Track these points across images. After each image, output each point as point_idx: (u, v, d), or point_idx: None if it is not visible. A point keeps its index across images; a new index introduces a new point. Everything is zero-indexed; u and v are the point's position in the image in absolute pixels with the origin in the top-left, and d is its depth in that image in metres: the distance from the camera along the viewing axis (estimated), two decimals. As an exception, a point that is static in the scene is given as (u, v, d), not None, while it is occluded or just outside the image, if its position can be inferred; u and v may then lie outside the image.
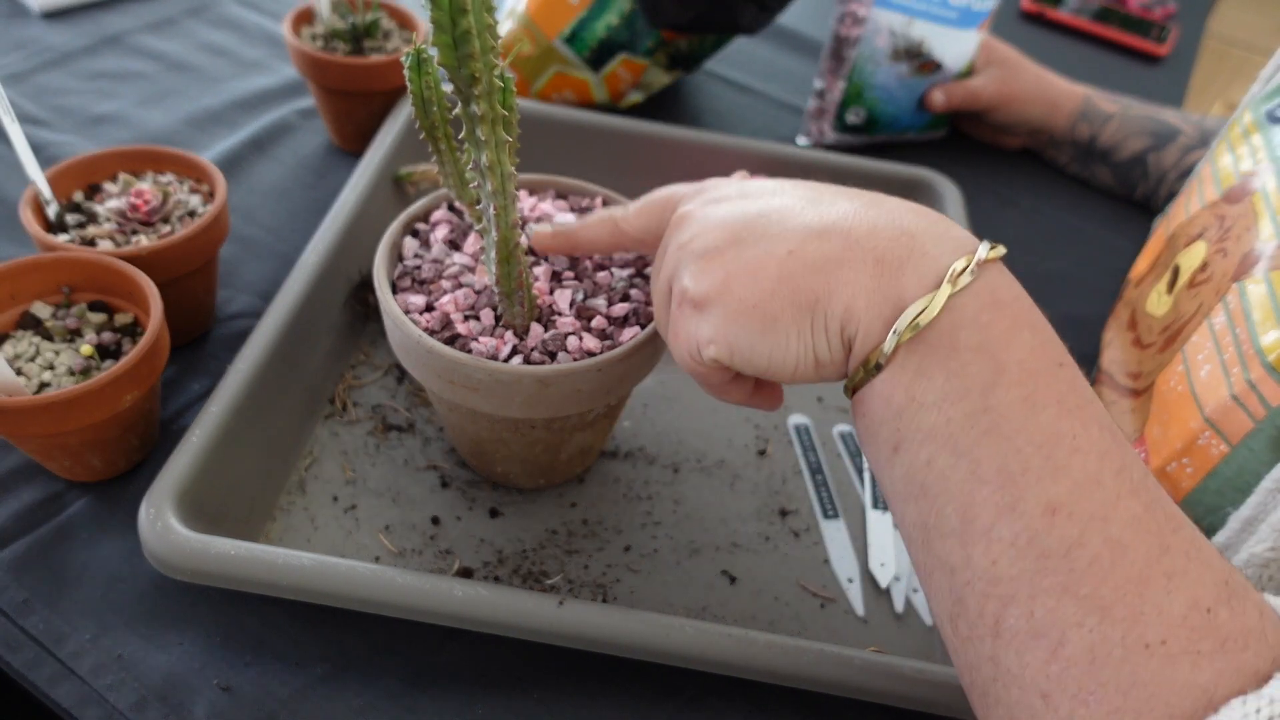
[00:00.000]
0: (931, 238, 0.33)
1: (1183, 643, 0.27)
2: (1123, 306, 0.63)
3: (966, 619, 0.30)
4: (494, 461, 0.50)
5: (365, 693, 0.43)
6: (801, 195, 0.36)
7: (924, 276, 0.32)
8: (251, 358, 0.49)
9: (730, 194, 0.37)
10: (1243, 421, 0.43)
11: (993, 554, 0.29)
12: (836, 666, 0.42)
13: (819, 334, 0.33)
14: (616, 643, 0.42)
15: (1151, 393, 0.51)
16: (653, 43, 0.79)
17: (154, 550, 0.41)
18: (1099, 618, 0.28)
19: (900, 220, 0.33)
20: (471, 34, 0.35)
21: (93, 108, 0.76)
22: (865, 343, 0.33)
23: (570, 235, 0.45)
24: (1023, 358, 0.31)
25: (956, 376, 0.31)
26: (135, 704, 0.41)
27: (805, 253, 0.33)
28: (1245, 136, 0.57)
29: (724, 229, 0.35)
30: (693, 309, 0.35)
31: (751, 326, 0.34)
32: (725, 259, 0.34)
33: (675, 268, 0.37)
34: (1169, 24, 1.20)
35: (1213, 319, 0.48)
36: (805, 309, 0.33)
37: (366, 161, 0.63)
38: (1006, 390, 0.30)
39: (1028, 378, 0.30)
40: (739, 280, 0.34)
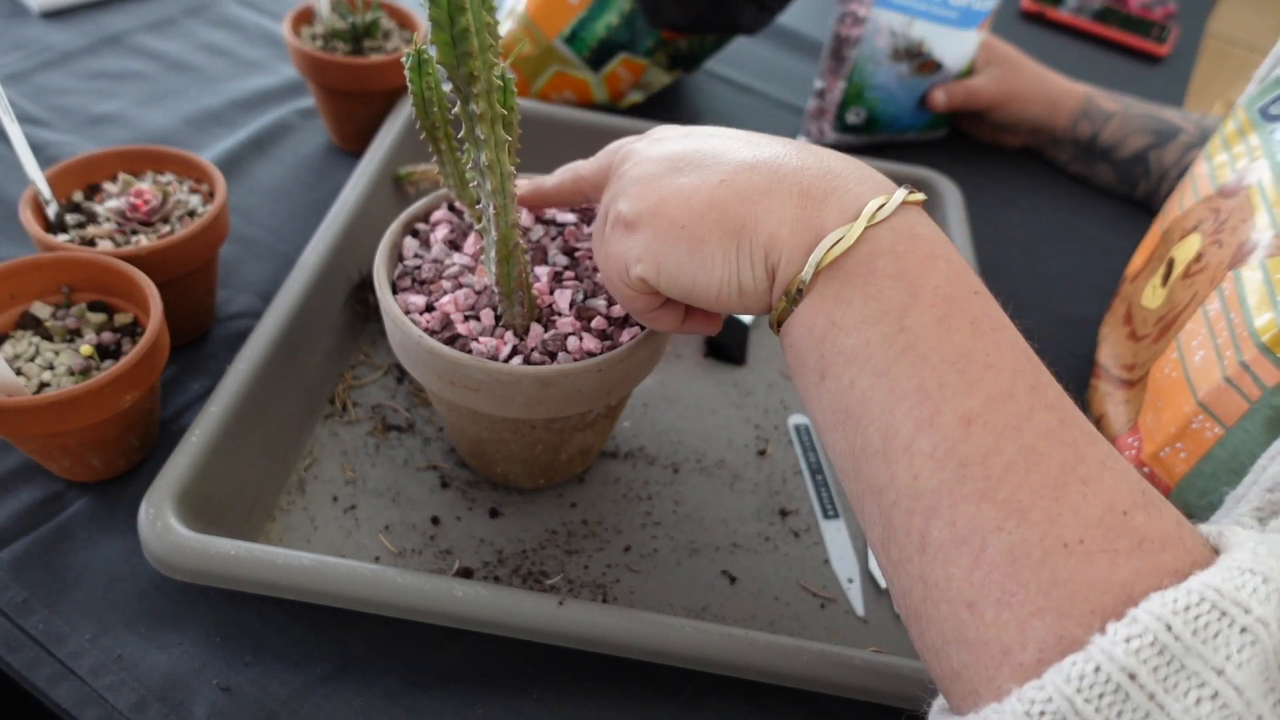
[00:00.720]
0: (854, 178, 0.35)
1: (1100, 542, 0.28)
2: (1119, 302, 0.63)
3: (895, 541, 0.31)
4: (494, 462, 0.50)
5: (365, 693, 0.43)
6: (740, 137, 0.38)
7: (845, 209, 0.34)
8: (251, 358, 0.49)
9: (673, 135, 0.39)
10: (1237, 403, 0.43)
11: (914, 468, 0.30)
12: (836, 667, 0.42)
13: (744, 258, 0.35)
14: (616, 643, 0.42)
15: (1145, 382, 0.51)
16: (653, 43, 0.79)
17: (154, 550, 0.41)
18: (1017, 520, 0.28)
19: (827, 162, 0.36)
20: (470, 32, 0.35)
21: (92, 108, 0.76)
22: (787, 270, 0.34)
23: (539, 187, 0.47)
24: (938, 283, 0.32)
25: (874, 300, 0.32)
26: (135, 704, 0.41)
27: (736, 182, 0.35)
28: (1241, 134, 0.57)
29: (662, 161, 0.37)
30: (624, 229, 0.37)
31: (679, 246, 0.35)
32: (660, 184, 0.36)
33: (614, 195, 0.38)
34: (1169, 24, 1.20)
35: (1207, 306, 0.48)
36: (732, 234, 0.35)
37: (366, 161, 0.63)
38: (922, 312, 0.32)
39: (942, 301, 0.32)
40: (670, 202, 0.35)
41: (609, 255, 0.38)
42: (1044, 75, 0.86)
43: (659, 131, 0.41)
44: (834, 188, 0.34)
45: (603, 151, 0.44)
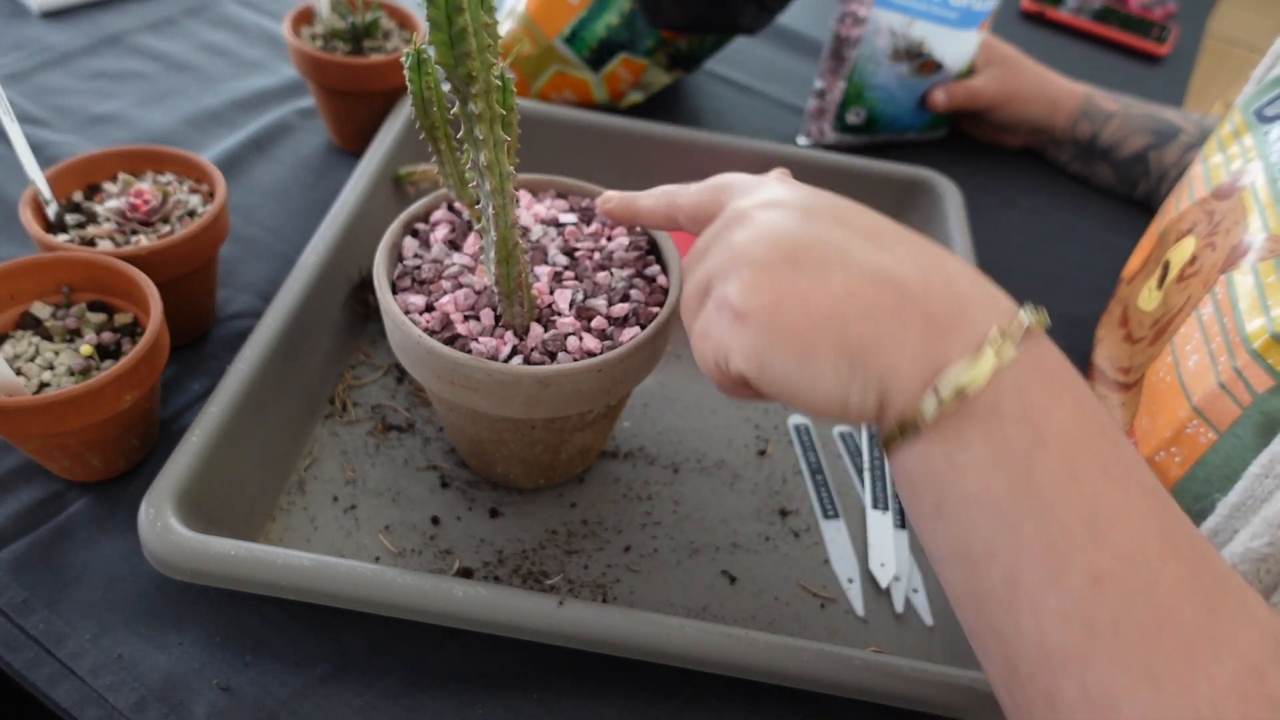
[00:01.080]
0: (978, 303, 0.33)
1: (1235, 709, 0.27)
2: (1115, 304, 0.63)
3: (1020, 688, 0.31)
4: (494, 461, 0.50)
5: (365, 693, 0.43)
6: (863, 228, 0.35)
7: (969, 342, 0.32)
8: (251, 358, 0.49)
9: (790, 202, 0.36)
10: (1230, 409, 0.43)
11: (1041, 625, 0.30)
12: (836, 666, 0.42)
13: (856, 380, 0.33)
14: (616, 643, 0.42)
15: (1141, 385, 0.51)
16: (653, 43, 0.79)
17: (154, 550, 0.41)
18: (1150, 690, 0.28)
19: (953, 280, 0.33)
20: (468, 32, 0.35)
21: (92, 108, 0.76)
22: (902, 401, 0.32)
23: (631, 204, 0.45)
24: (1065, 427, 0.31)
25: (998, 445, 0.31)
26: (135, 704, 0.41)
27: (861, 296, 0.32)
28: (1236, 136, 0.57)
29: (782, 245, 0.34)
30: (732, 317, 0.34)
31: (790, 353, 0.33)
32: (779, 279, 0.33)
33: (721, 268, 0.35)
34: (1169, 24, 1.20)
35: (1201, 310, 0.48)
36: (849, 353, 0.32)
37: (366, 161, 0.63)
38: (1048, 460, 0.30)
39: (1069, 447, 0.30)
40: (789, 304, 0.33)
41: (708, 337, 0.35)
42: (1044, 75, 0.86)
43: (772, 189, 0.37)
44: (959, 316, 0.32)
45: (706, 186, 0.41)
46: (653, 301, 0.47)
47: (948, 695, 0.41)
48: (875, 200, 0.73)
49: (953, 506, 0.32)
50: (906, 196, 0.73)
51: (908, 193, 0.73)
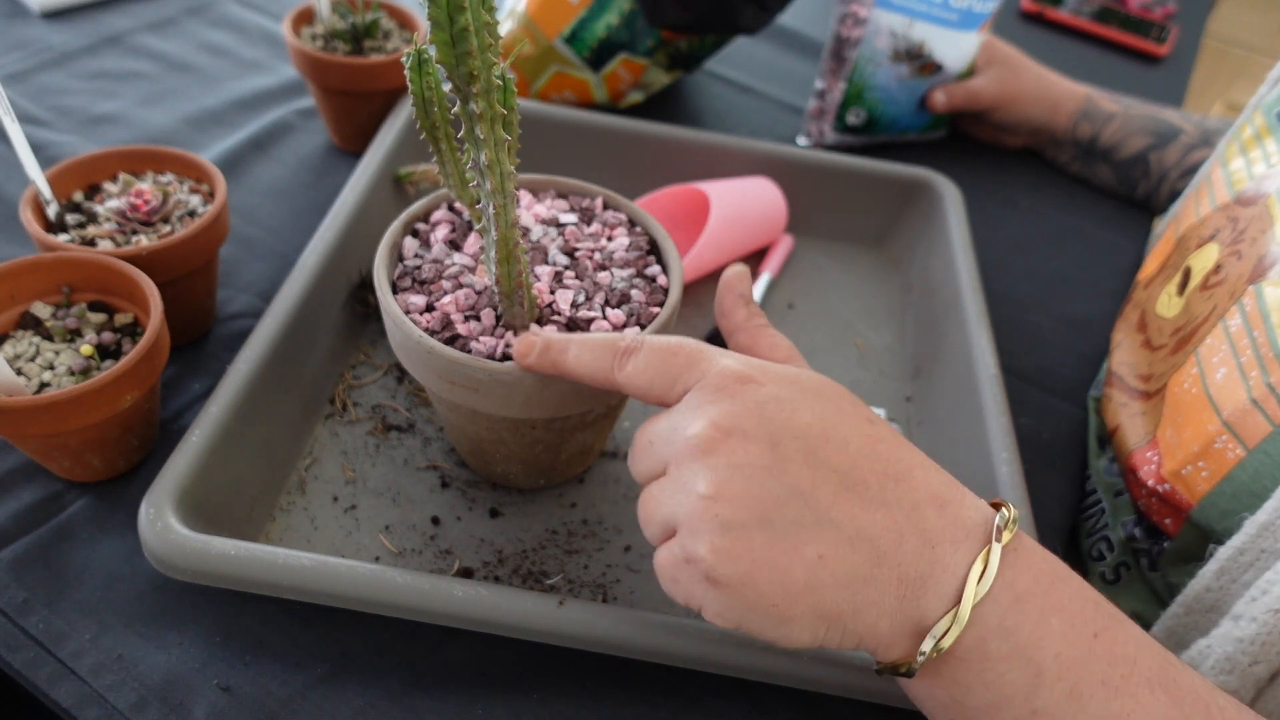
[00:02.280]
0: (949, 541, 0.33)
1: None
2: (1131, 308, 0.63)
3: None
4: (494, 461, 0.50)
5: (365, 693, 0.43)
6: (835, 465, 0.33)
7: (944, 593, 0.32)
8: (251, 358, 0.49)
9: (755, 433, 0.33)
10: (1260, 425, 0.42)
11: None
12: (836, 666, 0.42)
13: (833, 636, 0.33)
14: (616, 643, 0.42)
15: (1163, 395, 0.51)
16: (653, 43, 0.79)
17: (154, 550, 0.41)
18: None
19: (923, 522, 0.33)
20: (469, 31, 0.35)
21: (93, 108, 0.76)
22: (888, 654, 0.33)
23: (558, 354, 0.40)
24: (1057, 650, 0.31)
25: (995, 686, 0.31)
26: (135, 704, 0.41)
27: (834, 562, 0.32)
28: (1258, 139, 0.57)
29: (751, 503, 0.33)
30: (705, 580, 0.33)
31: (766, 619, 0.33)
32: (752, 545, 0.32)
33: (687, 521, 0.34)
34: (1169, 24, 1.20)
35: (1228, 321, 0.47)
36: (825, 619, 0.33)
37: (366, 161, 0.63)
38: (1049, 690, 0.31)
39: (1066, 670, 0.31)
40: (764, 576, 0.32)
41: (678, 584, 0.34)
42: (1044, 76, 0.86)
43: (740, 396, 0.34)
44: (932, 565, 0.32)
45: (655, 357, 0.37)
46: (653, 302, 0.47)
47: (948, 695, 0.41)
48: (875, 200, 0.74)
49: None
50: (906, 196, 0.73)
51: (908, 193, 0.73)
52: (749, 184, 0.70)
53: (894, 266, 0.74)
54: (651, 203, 0.69)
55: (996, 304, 0.69)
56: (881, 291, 0.72)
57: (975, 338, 0.59)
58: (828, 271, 0.73)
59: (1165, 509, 0.48)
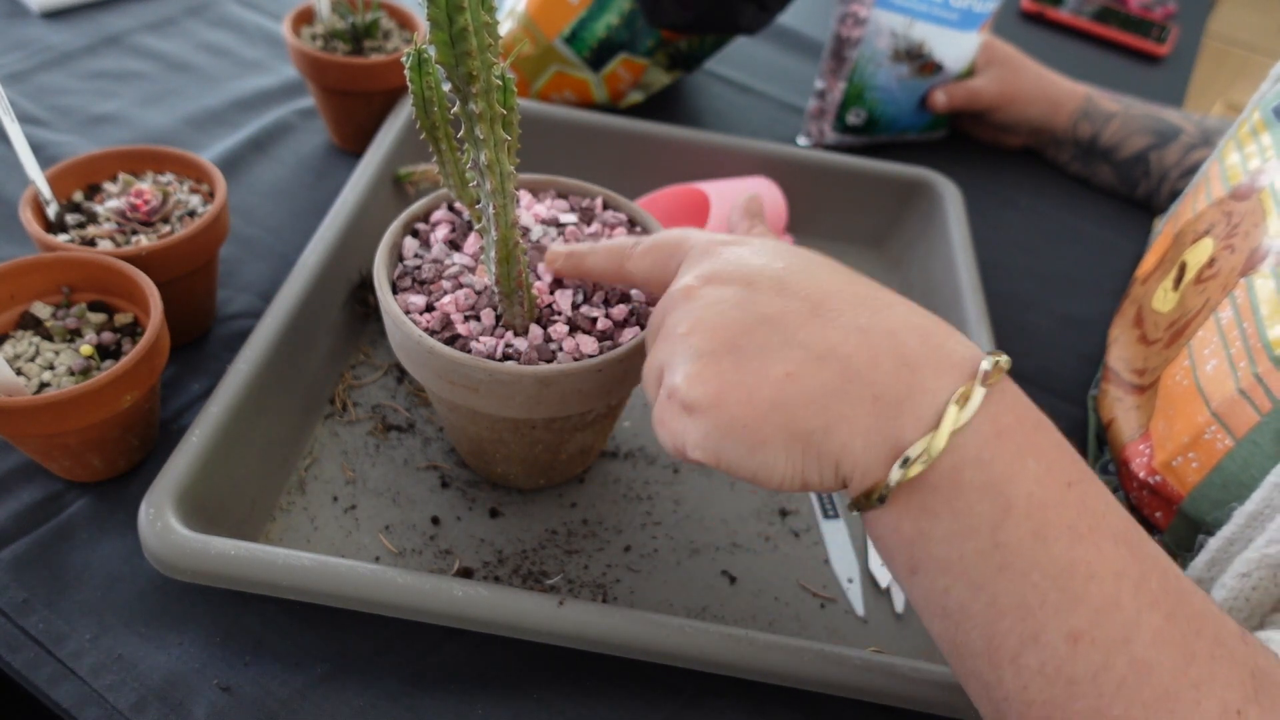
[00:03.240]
0: (931, 367, 0.32)
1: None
2: (1129, 304, 0.63)
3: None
4: (494, 462, 0.50)
5: (365, 693, 0.43)
6: (806, 295, 0.34)
7: (922, 415, 0.31)
8: (251, 358, 0.49)
9: (730, 274, 0.35)
10: (1248, 415, 0.43)
11: (1022, 679, 0.30)
12: (836, 666, 0.42)
13: (810, 462, 0.33)
14: (616, 643, 0.42)
15: (1156, 388, 0.51)
16: (653, 43, 0.79)
17: (154, 550, 0.41)
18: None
19: (902, 346, 0.32)
20: (468, 31, 0.35)
21: (92, 108, 0.76)
22: (864, 479, 0.32)
23: (579, 260, 0.44)
24: (1030, 489, 0.31)
25: (963, 515, 0.31)
26: (135, 704, 0.41)
27: (802, 379, 0.32)
28: (1254, 134, 0.57)
29: (722, 332, 0.34)
30: (681, 408, 0.34)
31: (740, 443, 0.33)
32: (721, 368, 0.33)
33: (669, 357, 0.35)
34: (1169, 24, 1.20)
35: (1219, 314, 0.48)
36: (798, 439, 0.32)
37: (366, 161, 0.63)
38: (1015, 526, 0.30)
39: (1036, 510, 0.30)
40: (732, 396, 0.33)
41: (664, 425, 0.35)
42: (1044, 76, 0.86)
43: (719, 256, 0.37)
44: (910, 388, 0.32)
45: (656, 247, 0.40)
46: (653, 301, 0.47)
47: (948, 695, 0.41)
48: (875, 200, 0.74)
49: (926, 569, 0.32)
50: (906, 196, 0.73)
51: (908, 193, 0.73)
52: (749, 184, 0.70)
53: (894, 266, 0.74)
54: (651, 203, 0.69)
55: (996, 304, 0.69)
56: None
57: (975, 337, 0.59)
58: (828, 271, 0.73)
59: (1156, 501, 0.49)
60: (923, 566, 0.32)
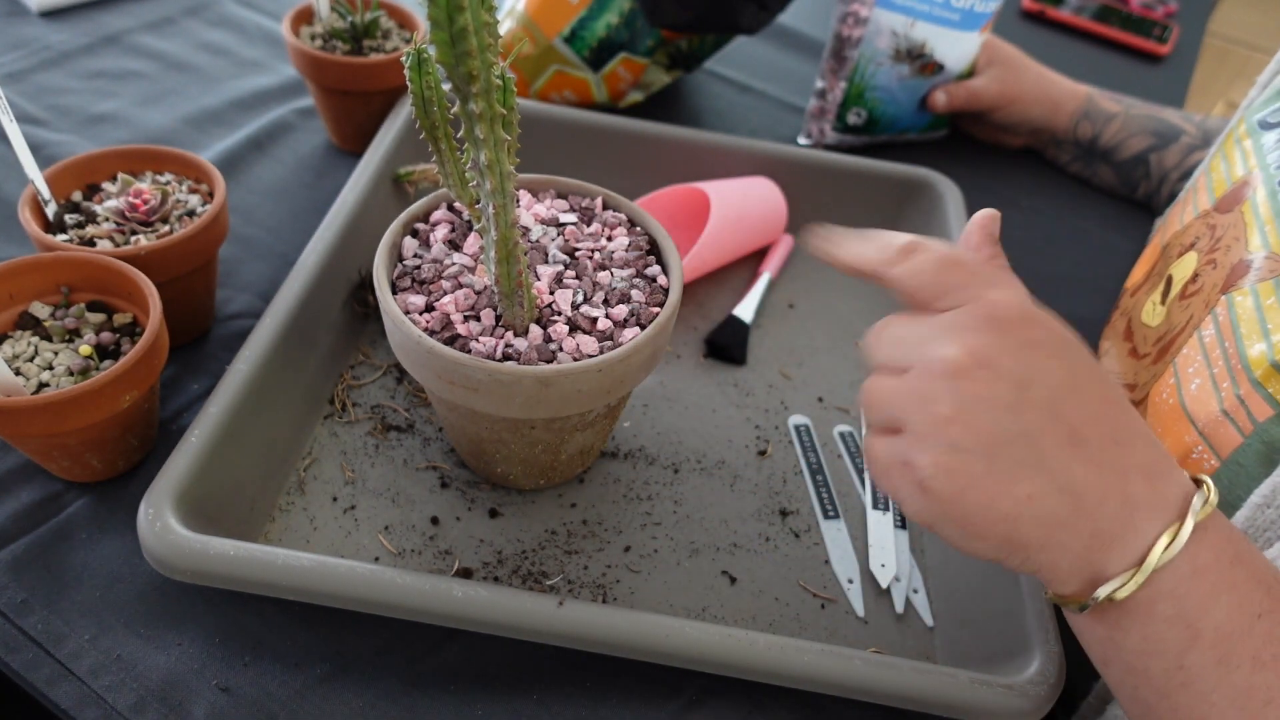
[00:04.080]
0: (1148, 509, 0.34)
1: None
2: (1119, 316, 0.62)
3: None
4: (494, 462, 0.50)
5: (365, 693, 0.43)
6: (1070, 420, 0.35)
7: (1129, 554, 0.34)
8: (251, 358, 0.49)
9: (1010, 370, 0.35)
10: (1232, 436, 0.43)
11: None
12: (837, 667, 0.42)
13: (1013, 560, 0.35)
14: (616, 643, 0.42)
15: (1146, 404, 0.51)
16: (653, 42, 0.79)
17: (153, 551, 0.41)
18: None
19: (1129, 488, 0.35)
20: (468, 31, 0.35)
21: (91, 107, 0.75)
22: (1060, 589, 0.36)
23: (833, 249, 0.42)
24: (1219, 622, 0.33)
25: (1152, 640, 0.34)
26: (134, 705, 0.41)
27: (1039, 503, 0.34)
28: (1238, 144, 0.57)
29: (984, 435, 0.34)
30: (916, 485, 0.35)
31: (959, 531, 0.35)
32: (972, 471, 0.34)
33: (918, 430, 0.35)
34: (1170, 23, 1.20)
35: (1202, 331, 0.47)
36: (1014, 547, 0.35)
37: (366, 161, 0.63)
38: (1201, 653, 0.33)
39: (1222, 640, 0.33)
40: (972, 498, 0.35)
41: (887, 477, 0.36)
42: (1045, 76, 0.86)
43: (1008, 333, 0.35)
44: (1125, 528, 0.34)
45: (938, 267, 0.38)
46: (653, 302, 0.47)
47: (948, 695, 0.41)
48: (875, 200, 0.74)
49: (1116, 667, 0.36)
50: (906, 196, 0.73)
51: (908, 193, 0.73)
52: (749, 184, 0.70)
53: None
54: (651, 203, 0.69)
55: (997, 304, 0.69)
56: (881, 291, 0.71)
57: (976, 338, 0.58)
58: (828, 272, 0.73)
59: None
60: (1113, 664, 0.36)
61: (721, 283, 0.69)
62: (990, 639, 0.46)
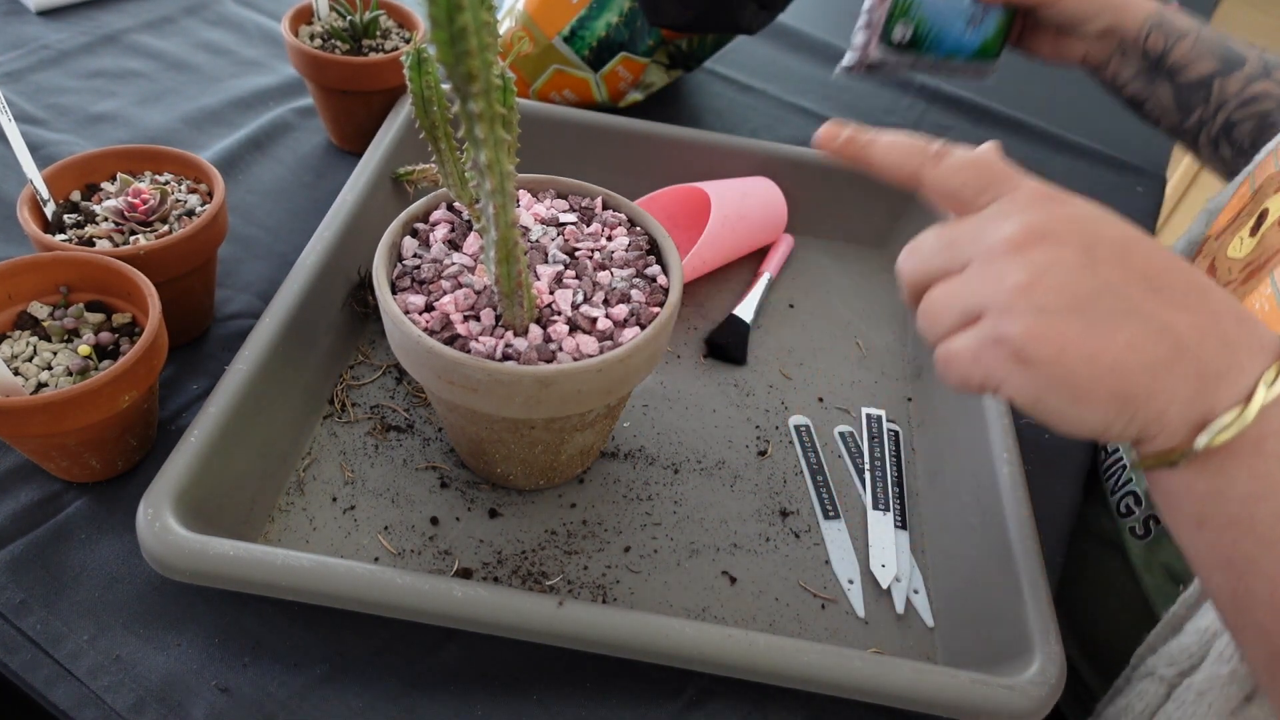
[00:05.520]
0: (1247, 348, 0.34)
1: None
2: (1201, 259, 0.62)
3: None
4: (493, 462, 0.50)
5: (364, 693, 0.43)
6: (1142, 269, 0.35)
7: (1237, 390, 0.34)
8: (250, 358, 0.49)
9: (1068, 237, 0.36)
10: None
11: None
12: (837, 667, 0.42)
13: (1122, 420, 0.35)
14: (616, 644, 0.42)
15: None
16: (653, 42, 0.79)
17: (153, 551, 0.41)
18: None
19: (1224, 327, 0.35)
20: (468, 31, 0.35)
21: (90, 107, 0.75)
22: (1166, 441, 0.35)
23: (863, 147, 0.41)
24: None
25: (1260, 479, 0.34)
26: (133, 705, 0.41)
27: (1141, 348, 0.34)
28: None
29: (1068, 293, 0.35)
30: (1012, 356, 0.35)
31: (1066, 397, 0.35)
32: (1066, 330, 0.34)
33: (999, 304, 0.35)
34: (1169, 23, 1.19)
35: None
36: (1122, 401, 0.34)
37: (366, 161, 0.63)
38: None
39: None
40: (1074, 356, 0.34)
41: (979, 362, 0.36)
42: None
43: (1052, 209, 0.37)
44: (1229, 366, 0.34)
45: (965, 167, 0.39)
46: (653, 302, 0.47)
47: (948, 696, 0.41)
48: (875, 200, 0.73)
49: (1216, 523, 0.35)
50: (907, 195, 0.73)
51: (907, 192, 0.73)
52: (749, 184, 0.70)
53: (894, 266, 0.74)
54: (651, 202, 0.68)
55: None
56: (881, 291, 0.72)
57: (976, 338, 0.58)
58: (828, 271, 0.73)
59: None
60: (1211, 521, 0.35)
61: (721, 283, 0.69)
62: (990, 639, 0.46)
